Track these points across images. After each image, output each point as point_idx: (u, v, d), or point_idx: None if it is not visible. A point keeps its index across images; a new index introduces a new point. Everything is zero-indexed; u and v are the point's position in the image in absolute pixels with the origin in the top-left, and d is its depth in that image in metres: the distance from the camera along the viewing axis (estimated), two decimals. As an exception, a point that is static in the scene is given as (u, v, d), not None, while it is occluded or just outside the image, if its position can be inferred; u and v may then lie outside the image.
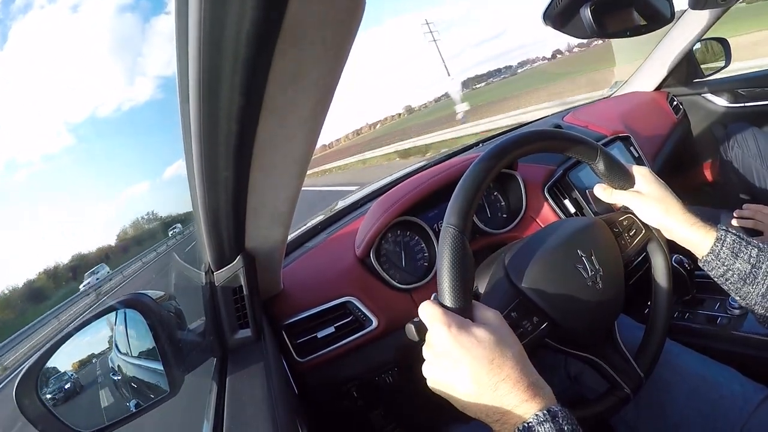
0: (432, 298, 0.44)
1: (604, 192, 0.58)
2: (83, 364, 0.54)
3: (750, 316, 0.74)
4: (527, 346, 0.46)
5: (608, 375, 0.54)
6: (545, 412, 0.33)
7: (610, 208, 0.61)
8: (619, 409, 0.53)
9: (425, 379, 0.41)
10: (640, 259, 0.92)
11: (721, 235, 0.50)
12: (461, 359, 0.37)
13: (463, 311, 0.41)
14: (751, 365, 0.61)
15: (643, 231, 0.57)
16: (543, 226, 0.87)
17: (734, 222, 0.93)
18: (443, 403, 0.41)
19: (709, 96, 1.47)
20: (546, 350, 0.52)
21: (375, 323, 0.80)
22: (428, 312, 0.41)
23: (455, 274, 0.41)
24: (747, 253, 0.48)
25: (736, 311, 0.76)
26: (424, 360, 0.41)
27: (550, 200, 0.95)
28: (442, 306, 0.41)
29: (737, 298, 0.51)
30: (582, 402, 0.55)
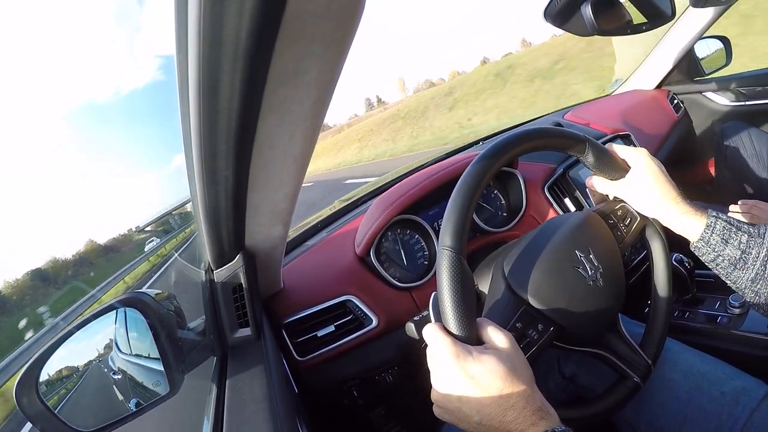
0: (432, 308, 0.44)
1: (596, 184, 0.58)
2: (83, 363, 0.54)
3: (750, 315, 0.74)
4: (535, 354, 0.46)
5: (616, 366, 0.54)
6: None
7: (605, 199, 0.60)
8: (630, 399, 0.53)
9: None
10: (639, 258, 0.93)
11: (712, 222, 0.50)
12: (470, 390, 0.37)
13: (469, 337, 0.40)
14: (752, 364, 0.61)
15: (638, 219, 0.57)
16: None
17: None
18: None
19: (710, 94, 1.47)
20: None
21: (375, 322, 0.80)
22: (435, 340, 0.40)
23: (457, 300, 0.41)
24: (737, 239, 0.49)
25: (737, 310, 0.76)
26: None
27: (551, 199, 0.95)
28: (449, 333, 0.40)
29: (728, 282, 0.51)
30: (590, 398, 0.55)
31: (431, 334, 0.41)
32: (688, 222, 0.51)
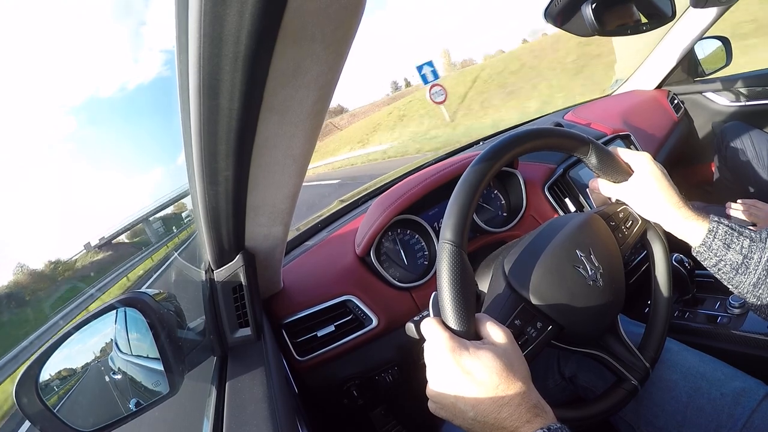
0: (431, 307, 0.44)
1: (598, 186, 0.58)
2: (83, 363, 0.54)
3: (750, 315, 0.74)
4: (532, 351, 0.46)
5: (614, 368, 0.54)
6: (545, 429, 0.34)
7: (606, 201, 0.61)
8: (628, 402, 0.53)
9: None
10: (639, 258, 0.93)
11: (714, 227, 0.50)
12: (465, 385, 0.37)
13: (467, 332, 0.40)
14: (752, 364, 0.61)
15: (640, 221, 0.57)
16: None
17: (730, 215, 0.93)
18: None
19: (711, 95, 1.47)
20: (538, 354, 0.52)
21: (375, 322, 0.80)
22: (432, 334, 0.40)
23: (457, 293, 0.40)
24: (739, 244, 0.49)
25: (737, 310, 0.76)
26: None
27: (551, 199, 0.95)
28: (447, 327, 0.40)
29: (729, 287, 0.51)
30: (588, 400, 0.55)
31: (429, 328, 0.41)
32: (690, 227, 0.51)
